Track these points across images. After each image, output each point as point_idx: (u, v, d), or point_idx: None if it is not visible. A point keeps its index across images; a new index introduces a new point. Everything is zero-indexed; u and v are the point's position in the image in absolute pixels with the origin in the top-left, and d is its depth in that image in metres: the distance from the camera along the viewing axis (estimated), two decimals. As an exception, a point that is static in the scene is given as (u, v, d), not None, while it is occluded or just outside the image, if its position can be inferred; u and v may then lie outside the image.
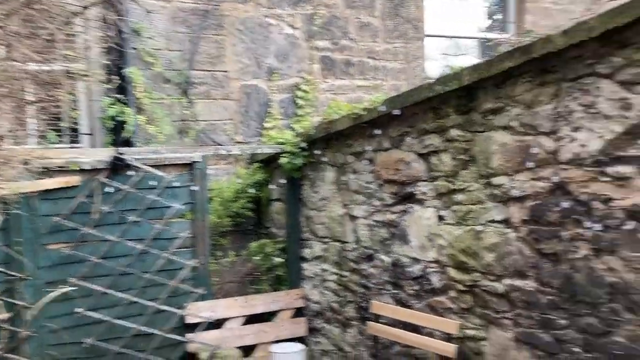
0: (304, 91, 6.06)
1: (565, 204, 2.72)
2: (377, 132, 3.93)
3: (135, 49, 5.37)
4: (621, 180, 2.47)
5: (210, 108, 5.74)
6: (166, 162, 4.53)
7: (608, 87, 2.50)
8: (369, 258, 4.18)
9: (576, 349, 2.72)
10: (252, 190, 5.36)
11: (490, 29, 7.58)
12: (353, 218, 4.35)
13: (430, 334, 3.56)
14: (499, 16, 7.55)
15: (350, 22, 6.36)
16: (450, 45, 7.42)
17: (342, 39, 6.32)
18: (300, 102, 6.06)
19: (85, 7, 4.10)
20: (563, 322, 2.78)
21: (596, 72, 2.55)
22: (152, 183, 4.40)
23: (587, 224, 2.62)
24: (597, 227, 2.57)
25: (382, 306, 3.82)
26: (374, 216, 4.10)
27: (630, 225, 2.43)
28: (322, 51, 6.22)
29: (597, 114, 2.55)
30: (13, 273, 3.92)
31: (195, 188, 4.58)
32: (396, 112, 3.65)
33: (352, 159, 4.31)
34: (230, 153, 5.06)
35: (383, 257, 4.02)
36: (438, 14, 7.00)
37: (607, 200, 2.54)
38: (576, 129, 2.65)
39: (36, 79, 3.58)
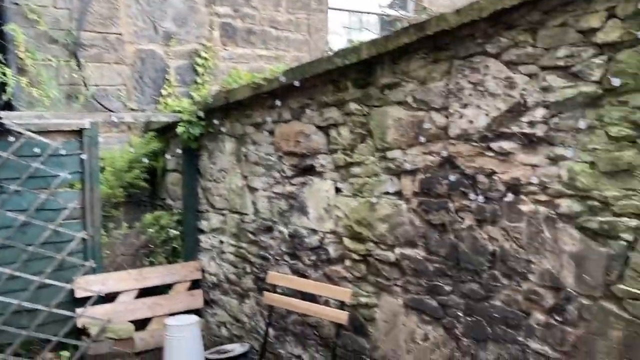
0: (204, 58, 5.88)
1: (453, 178, 2.86)
2: (278, 103, 3.90)
3: (16, 3, 4.92)
4: (503, 156, 2.63)
5: (102, 72, 5.43)
6: (52, 129, 4.23)
7: (495, 66, 2.64)
8: (268, 230, 4.18)
9: (459, 313, 2.90)
10: (146, 160, 5.15)
11: (391, 5, 7.74)
12: (252, 190, 4.32)
13: (326, 303, 3.65)
14: (399, -7, 7.72)
15: (252, -10, 6.23)
16: (354, 20, 7.50)
17: (243, 6, 6.18)
18: (199, 69, 5.88)
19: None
20: (448, 288, 2.95)
21: (485, 51, 2.67)
22: (36, 150, 4.10)
23: (472, 196, 2.77)
24: (481, 199, 2.73)
25: (278, 276, 3.85)
26: (274, 188, 4.10)
27: (509, 197, 2.61)
28: (223, 18, 6.05)
29: (485, 91, 2.68)
30: None
31: (84, 156, 4.33)
32: (296, 83, 3.64)
33: (252, 130, 4.26)
34: (123, 120, 4.82)
35: (282, 228, 4.04)
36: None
37: (490, 174, 2.70)
38: (465, 106, 2.78)
39: None
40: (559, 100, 2.39)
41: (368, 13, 7.48)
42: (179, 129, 4.63)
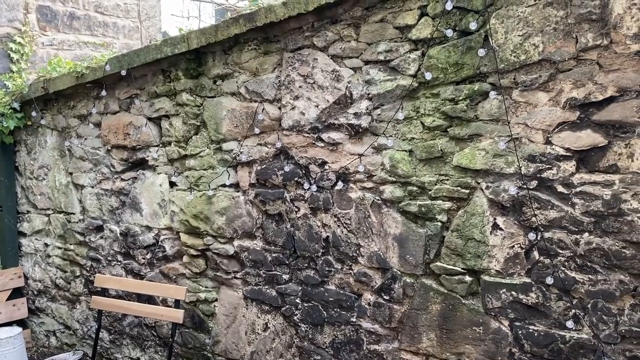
0: (18, 44, 5.30)
1: (288, 168, 2.90)
2: (103, 93, 3.65)
3: None
4: (333, 146, 2.73)
5: None
6: None
7: (323, 60, 2.71)
8: (98, 229, 3.92)
9: (297, 300, 2.97)
10: (-49, 158, 4.53)
11: (227, -5, 7.63)
12: (79, 187, 4.01)
13: (165, 302, 3.52)
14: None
15: (74, -30, 5.74)
16: (191, 7, 7.28)
17: (64, -12, 5.67)
18: (14, 56, 5.28)
19: None
20: (286, 276, 3.00)
21: (313, 44, 2.74)
22: None
23: (306, 185, 2.84)
24: (314, 188, 2.81)
25: (107, 279, 3.62)
26: (103, 184, 3.84)
27: (339, 185, 2.71)
28: (40, 0, 5.50)
29: (314, 84, 2.75)
30: None
31: None
32: (123, 72, 3.43)
33: (76, 122, 3.95)
34: None
35: (113, 227, 3.81)
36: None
37: (322, 163, 2.78)
38: (296, 98, 2.83)
39: None
40: (380, 93, 2.53)
41: (205, 1, 7.31)
42: (-10, 122, 4.14)
